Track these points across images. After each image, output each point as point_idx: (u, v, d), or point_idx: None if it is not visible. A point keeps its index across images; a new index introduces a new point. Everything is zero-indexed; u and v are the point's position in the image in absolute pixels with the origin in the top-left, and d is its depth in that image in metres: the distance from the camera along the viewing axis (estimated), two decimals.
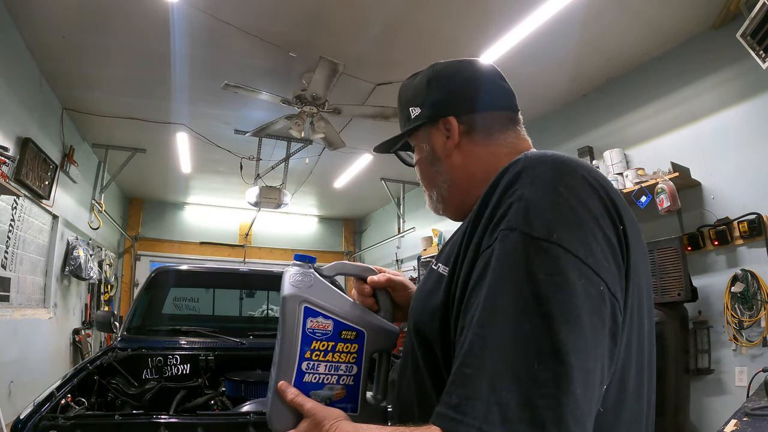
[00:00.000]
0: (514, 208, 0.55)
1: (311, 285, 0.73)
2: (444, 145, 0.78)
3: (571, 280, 0.50)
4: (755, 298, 2.69)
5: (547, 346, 0.47)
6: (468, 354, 0.49)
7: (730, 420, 1.59)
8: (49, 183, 4.12)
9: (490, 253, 0.55)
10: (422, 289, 0.73)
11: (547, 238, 0.52)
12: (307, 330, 0.71)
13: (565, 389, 0.46)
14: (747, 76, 2.87)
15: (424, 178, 0.84)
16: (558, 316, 0.48)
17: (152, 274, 2.89)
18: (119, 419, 1.38)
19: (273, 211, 7.38)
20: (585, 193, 0.56)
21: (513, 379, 0.46)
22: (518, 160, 0.61)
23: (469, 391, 0.47)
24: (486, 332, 0.49)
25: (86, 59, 3.69)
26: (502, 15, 3.04)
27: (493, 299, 0.51)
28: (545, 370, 0.46)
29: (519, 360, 0.47)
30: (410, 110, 0.81)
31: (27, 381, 3.68)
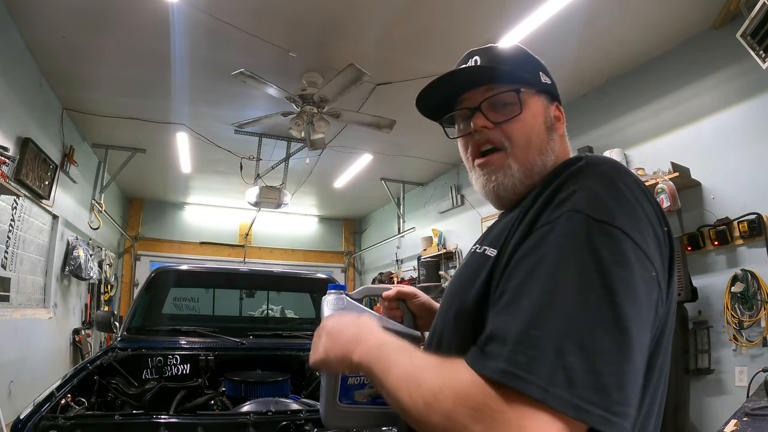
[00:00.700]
0: (578, 194, 0.58)
1: (345, 306, 0.88)
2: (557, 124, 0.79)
3: (631, 260, 0.54)
4: (755, 298, 2.69)
5: (610, 316, 0.49)
6: (537, 317, 0.50)
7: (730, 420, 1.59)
8: (49, 183, 4.12)
9: (549, 229, 0.57)
10: (464, 273, 0.72)
11: (610, 222, 0.55)
12: None
13: (627, 357, 0.48)
14: (747, 76, 2.87)
15: (532, 139, 0.75)
16: (620, 289, 0.51)
17: (152, 274, 2.88)
18: (119, 419, 1.38)
19: (273, 211, 7.38)
20: (639, 194, 0.60)
21: (578, 345, 0.48)
22: (581, 156, 0.66)
23: (537, 352, 0.48)
24: (553, 299, 0.51)
25: (86, 59, 3.69)
26: (502, 15, 3.04)
27: (557, 270, 0.53)
28: (609, 338, 0.48)
29: (584, 327, 0.49)
30: (540, 74, 0.79)
31: (27, 381, 3.68)
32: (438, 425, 0.50)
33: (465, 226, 5.79)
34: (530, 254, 0.57)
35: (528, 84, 0.77)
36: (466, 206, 5.84)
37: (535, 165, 0.74)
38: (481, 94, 0.77)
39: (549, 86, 0.80)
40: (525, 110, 0.75)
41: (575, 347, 0.47)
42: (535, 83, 0.78)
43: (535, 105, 0.77)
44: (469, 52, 0.82)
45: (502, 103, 0.76)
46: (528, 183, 0.74)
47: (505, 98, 0.76)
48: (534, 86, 0.78)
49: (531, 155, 0.74)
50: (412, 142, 5.27)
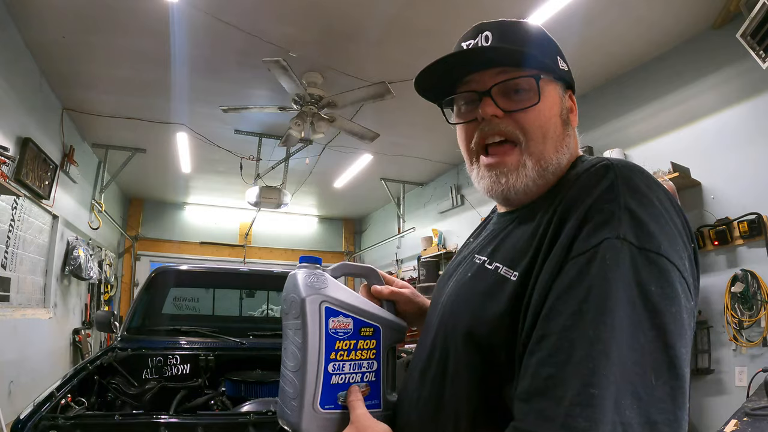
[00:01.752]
0: (617, 216, 0.52)
1: (327, 285, 0.72)
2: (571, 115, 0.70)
3: (679, 293, 0.50)
4: (755, 298, 2.69)
5: (663, 360, 0.47)
6: (593, 373, 0.46)
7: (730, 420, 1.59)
8: (49, 183, 4.12)
9: (588, 258, 0.51)
10: (472, 289, 0.65)
11: (655, 250, 0.51)
12: (330, 331, 0.70)
13: (680, 403, 0.46)
14: (747, 76, 2.87)
15: (548, 131, 0.66)
16: (672, 329, 0.48)
17: (152, 274, 2.88)
18: (119, 419, 1.38)
19: (273, 211, 7.38)
20: (672, 211, 0.56)
21: (633, 396, 0.45)
22: (607, 165, 0.58)
23: (597, 413, 0.44)
24: (608, 348, 0.46)
25: (86, 59, 3.69)
26: (502, 14, 3.01)
27: (603, 313, 0.48)
28: (663, 384, 0.46)
29: (637, 375, 0.46)
30: (558, 59, 0.70)
31: (27, 381, 3.68)
32: None
33: (465, 226, 5.79)
34: (572, 291, 0.50)
35: (546, 69, 0.67)
36: (466, 206, 5.84)
37: (550, 163, 0.65)
38: (492, 77, 0.66)
39: (566, 73, 0.70)
40: (543, 99, 0.65)
41: (631, 398, 0.45)
42: (553, 69, 0.68)
43: (552, 94, 0.68)
44: (477, 26, 0.72)
45: (515, 89, 0.66)
46: (541, 183, 0.65)
47: (520, 84, 0.65)
48: (552, 72, 0.68)
49: (547, 152, 0.65)
50: (412, 142, 5.27)
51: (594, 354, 0.46)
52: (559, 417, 0.45)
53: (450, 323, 0.65)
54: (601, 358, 0.46)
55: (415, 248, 6.58)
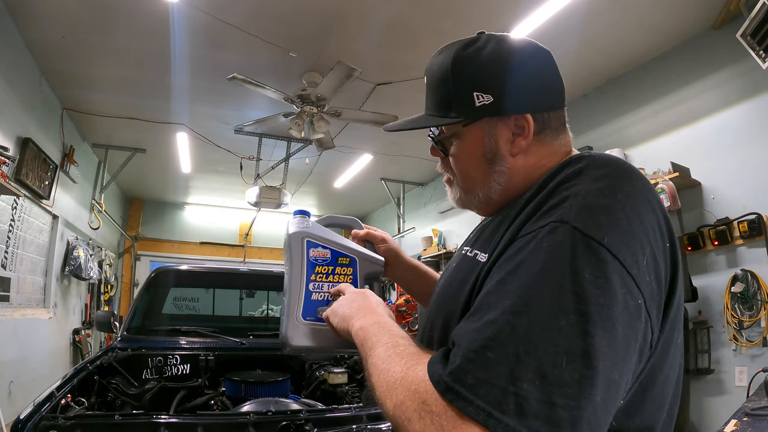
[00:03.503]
0: (569, 202, 0.54)
1: (309, 226, 0.90)
2: (512, 143, 0.69)
3: (615, 286, 0.49)
4: (755, 298, 2.69)
5: (579, 346, 0.46)
6: (494, 338, 0.47)
7: (730, 420, 1.59)
8: (49, 183, 4.12)
9: (531, 238, 0.53)
10: (453, 277, 0.70)
11: (598, 239, 0.51)
12: (310, 258, 0.87)
13: (587, 393, 0.45)
14: (747, 76, 2.87)
15: (469, 174, 0.72)
16: (596, 318, 0.47)
17: (152, 274, 2.88)
18: (119, 419, 1.38)
19: (273, 211, 7.38)
20: (641, 205, 0.56)
21: (537, 373, 0.45)
22: (581, 157, 0.61)
23: (487, 375, 0.46)
24: (517, 319, 0.48)
25: (86, 59, 3.69)
26: (502, 14, 3.04)
27: (530, 287, 0.49)
28: (572, 370, 0.45)
29: (547, 355, 0.46)
30: (475, 95, 0.67)
31: (27, 381, 3.68)
32: (389, 411, 0.52)
33: (465, 226, 5.79)
34: (506, 263, 0.54)
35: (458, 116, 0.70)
36: None
37: (477, 195, 0.73)
38: None
39: (488, 106, 0.67)
40: (456, 147, 0.73)
41: (533, 374, 0.45)
42: (465, 111, 0.69)
43: (469, 137, 0.70)
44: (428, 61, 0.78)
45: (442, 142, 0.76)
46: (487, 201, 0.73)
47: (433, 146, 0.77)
48: (464, 116, 0.69)
49: (474, 188, 0.73)
50: (412, 142, 5.27)
51: (501, 321, 0.48)
52: (453, 365, 0.48)
53: (435, 311, 0.71)
54: (507, 327, 0.48)
55: (415, 248, 6.57)
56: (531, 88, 0.70)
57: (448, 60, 0.70)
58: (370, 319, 0.68)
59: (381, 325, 0.65)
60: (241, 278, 3.25)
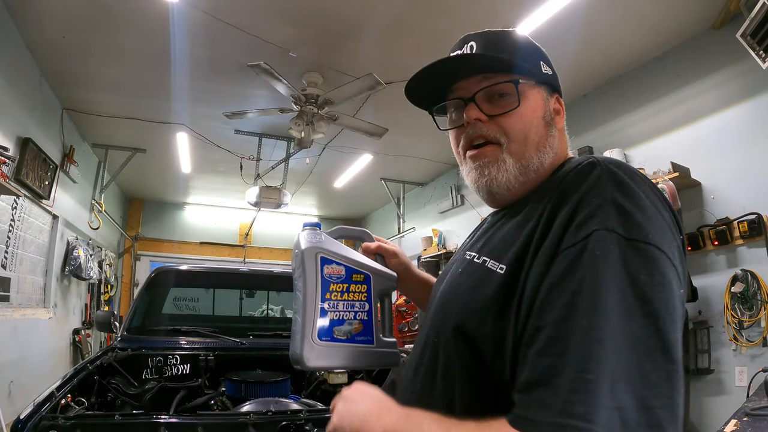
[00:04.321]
0: (604, 209, 0.54)
1: (322, 240, 0.87)
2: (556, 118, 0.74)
3: (669, 279, 0.52)
4: (755, 298, 2.69)
5: (656, 345, 0.48)
6: (588, 359, 0.47)
7: (730, 420, 1.58)
8: (49, 183, 4.12)
9: (578, 251, 0.52)
10: (462, 283, 0.68)
11: (643, 239, 0.52)
12: (325, 275, 0.84)
13: (676, 387, 0.48)
14: (747, 76, 2.87)
15: (530, 133, 0.70)
16: (664, 314, 0.49)
17: (152, 274, 2.88)
18: (119, 419, 1.38)
19: (273, 211, 7.38)
20: (659, 202, 0.58)
21: (628, 381, 0.46)
22: (593, 162, 0.61)
23: (595, 398, 0.45)
24: (601, 335, 0.47)
25: (86, 59, 3.69)
26: (503, 14, 3.04)
27: (596, 301, 0.49)
28: (657, 369, 0.47)
29: (632, 362, 0.47)
30: (541, 63, 0.73)
31: (27, 381, 3.68)
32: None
33: (465, 226, 5.79)
34: (564, 283, 0.52)
35: (528, 74, 0.71)
36: (466, 206, 5.84)
37: (531, 162, 0.69)
38: (476, 83, 0.71)
39: (550, 77, 0.74)
40: (523, 103, 0.69)
41: (625, 384, 0.46)
42: (535, 73, 0.72)
43: (535, 97, 0.72)
44: (464, 37, 0.76)
45: (499, 94, 0.70)
46: (523, 180, 0.69)
47: (502, 89, 0.70)
48: (534, 77, 0.72)
49: (528, 152, 0.69)
50: (412, 142, 5.27)
51: (588, 341, 0.47)
52: (558, 404, 0.46)
53: (441, 318, 0.68)
54: (595, 344, 0.47)
55: (415, 248, 6.57)
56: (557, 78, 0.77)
57: (510, 31, 0.75)
58: (392, 417, 0.58)
59: (409, 418, 0.57)
60: (241, 278, 3.25)
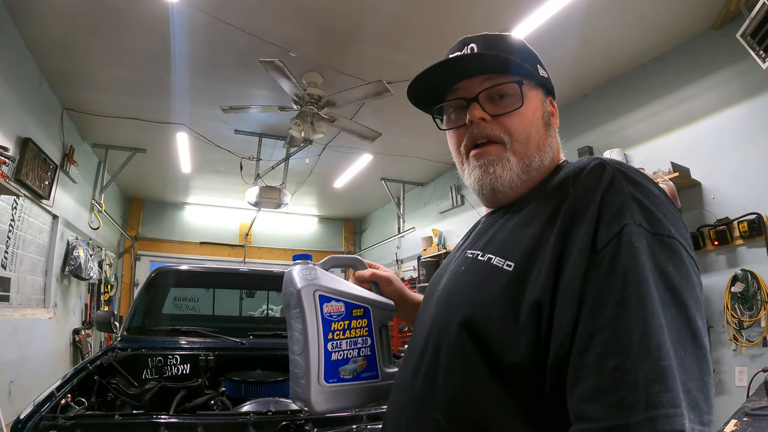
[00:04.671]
0: (628, 205, 0.56)
1: (318, 276, 0.83)
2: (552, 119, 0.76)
3: (691, 270, 0.55)
4: (755, 298, 2.69)
5: (687, 333, 0.50)
6: (659, 347, 0.47)
7: (730, 420, 1.58)
8: (49, 183, 4.12)
9: (615, 247, 0.53)
10: (465, 281, 0.67)
11: (667, 233, 0.55)
12: (325, 314, 0.81)
13: (706, 370, 0.50)
14: (747, 76, 2.87)
15: (532, 134, 0.71)
16: (691, 303, 0.52)
17: (152, 274, 2.88)
18: (119, 419, 1.38)
19: (273, 211, 7.39)
20: (666, 199, 0.60)
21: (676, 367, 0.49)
22: (602, 163, 0.61)
23: (674, 383, 0.47)
24: (660, 321, 0.49)
25: (86, 59, 3.69)
26: (503, 14, 3.04)
27: (646, 289, 0.51)
28: (690, 355, 0.49)
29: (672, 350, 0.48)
30: (538, 67, 0.75)
31: (27, 381, 3.68)
32: None
33: (465, 226, 5.78)
34: (610, 282, 0.52)
35: (528, 75, 0.73)
36: (466, 206, 5.84)
37: (533, 161, 0.70)
38: (479, 84, 0.72)
39: (546, 80, 0.76)
40: (525, 103, 0.71)
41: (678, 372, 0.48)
42: (534, 75, 0.74)
43: (535, 99, 0.74)
44: (463, 39, 0.77)
45: (500, 94, 0.71)
46: (525, 179, 0.71)
47: (505, 89, 0.71)
48: (533, 78, 0.74)
49: (530, 150, 0.71)
50: (412, 142, 5.27)
51: (652, 330, 0.48)
52: (642, 400, 0.46)
53: (444, 316, 0.67)
54: (659, 331, 0.48)
55: (416, 248, 6.58)
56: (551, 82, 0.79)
57: (508, 35, 0.77)
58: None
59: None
60: (241, 278, 3.24)
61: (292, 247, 8.80)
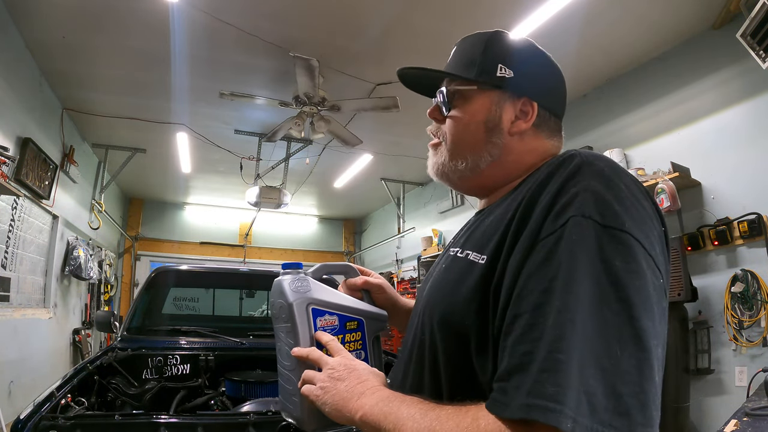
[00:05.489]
0: (581, 197, 0.55)
1: (310, 288, 0.79)
2: (512, 122, 0.73)
3: (643, 267, 0.51)
4: (755, 298, 2.69)
5: (628, 332, 0.47)
6: (559, 339, 0.47)
7: (730, 420, 1.59)
8: (49, 183, 4.12)
9: (556, 239, 0.53)
10: (445, 278, 0.69)
11: (619, 227, 0.53)
12: (319, 329, 0.77)
13: (647, 375, 0.46)
14: (747, 76, 2.87)
15: (464, 138, 0.74)
16: (637, 301, 0.49)
17: (152, 274, 2.88)
18: (119, 419, 1.38)
19: (273, 211, 7.38)
20: (638, 193, 0.58)
21: (598, 367, 0.46)
22: (573, 155, 0.62)
23: (563, 378, 0.45)
24: (572, 315, 0.48)
25: (86, 59, 3.69)
26: (503, 14, 3.04)
27: (571, 285, 0.50)
28: (628, 356, 0.46)
29: (602, 347, 0.46)
30: (499, 66, 0.73)
31: (27, 381, 3.68)
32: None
33: None
34: (541, 270, 0.52)
35: (471, 81, 0.74)
36: (466, 206, 5.84)
37: (467, 159, 0.74)
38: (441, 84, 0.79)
39: (510, 80, 0.73)
40: (458, 109, 0.75)
41: (594, 369, 0.45)
42: (485, 78, 0.73)
43: (477, 102, 0.74)
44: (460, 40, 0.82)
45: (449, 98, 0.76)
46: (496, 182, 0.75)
47: (438, 99, 0.77)
48: (482, 83, 0.73)
49: (462, 152, 0.74)
50: (412, 142, 5.27)
51: (561, 321, 0.48)
52: (527, 386, 0.46)
53: (427, 314, 0.69)
54: (567, 324, 0.47)
55: (415, 248, 6.58)
56: (546, 85, 0.77)
57: (487, 33, 0.77)
58: (370, 399, 0.61)
59: (389, 400, 0.60)
60: (241, 278, 3.25)
61: (292, 247, 8.80)
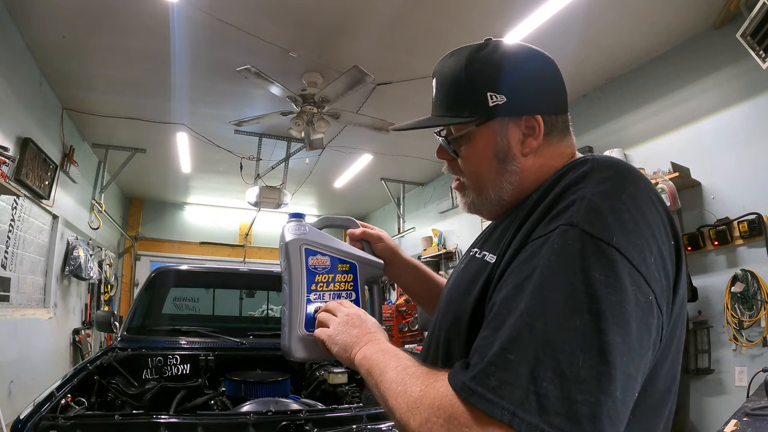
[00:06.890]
0: (576, 206, 0.55)
1: (306, 232, 0.88)
2: (523, 143, 0.70)
3: (625, 284, 0.51)
4: (755, 298, 2.69)
5: (594, 344, 0.47)
6: (514, 340, 0.49)
7: (730, 420, 1.59)
8: (49, 183, 4.12)
9: (542, 242, 0.55)
10: (462, 278, 0.70)
11: (606, 240, 0.52)
12: (310, 266, 0.85)
13: (605, 389, 0.46)
14: (747, 76, 2.87)
15: (481, 175, 0.73)
16: (609, 316, 0.49)
17: (152, 274, 2.88)
18: (119, 419, 1.38)
19: (273, 211, 7.38)
20: (645, 205, 0.57)
21: (556, 371, 0.46)
22: (585, 160, 0.62)
23: (510, 376, 0.47)
24: (534, 321, 0.49)
25: (86, 59, 3.69)
26: (503, 15, 3.04)
27: (544, 290, 0.51)
28: (589, 367, 0.47)
29: (564, 354, 0.47)
30: (489, 95, 0.69)
31: (27, 381, 3.68)
32: (415, 430, 0.53)
33: (465, 226, 5.79)
34: (520, 268, 0.55)
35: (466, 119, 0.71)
36: None
37: (489, 195, 0.73)
38: None
39: (503, 106, 0.69)
40: (466, 149, 0.73)
41: (551, 373, 0.46)
42: (479, 113, 0.70)
43: (481, 138, 0.71)
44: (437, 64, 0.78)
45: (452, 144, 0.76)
46: (489, 208, 0.75)
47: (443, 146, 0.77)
48: (479, 117, 0.70)
49: (485, 188, 0.73)
50: (412, 142, 5.27)
51: (519, 324, 0.50)
52: (476, 370, 0.50)
53: (443, 312, 0.72)
54: (525, 329, 0.49)
55: (416, 248, 6.58)
56: (541, 90, 0.73)
57: (461, 61, 0.72)
58: (372, 347, 0.69)
59: (385, 352, 0.66)
60: (241, 278, 3.24)
61: None
